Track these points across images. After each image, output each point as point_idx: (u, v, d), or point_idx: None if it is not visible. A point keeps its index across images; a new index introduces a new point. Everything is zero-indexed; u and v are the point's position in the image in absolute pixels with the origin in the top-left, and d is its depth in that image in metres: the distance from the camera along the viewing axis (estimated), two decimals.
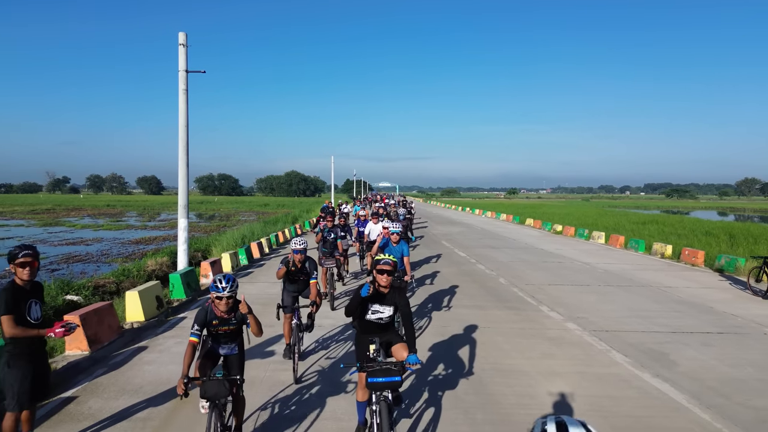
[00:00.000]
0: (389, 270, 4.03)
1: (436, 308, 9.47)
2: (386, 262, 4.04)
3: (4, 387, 3.85)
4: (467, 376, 6.04)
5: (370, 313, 4.22)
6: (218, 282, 3.84)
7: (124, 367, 6.21)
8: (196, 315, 4.02)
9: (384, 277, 4.03)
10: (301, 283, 6.57)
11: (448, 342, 7.40)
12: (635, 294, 11.16)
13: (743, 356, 7.03)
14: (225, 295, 3.81)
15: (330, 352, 7.04)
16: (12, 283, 3.86)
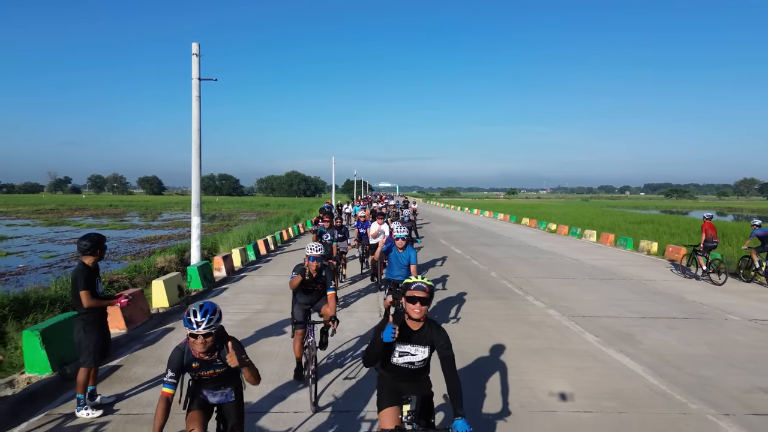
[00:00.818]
0: (424, 297, 3.07)
1: None
2: (420, 287, 3.09)
3: (81, 348, 4.79)
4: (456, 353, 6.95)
5: (397, 356, 3.24)
6: (191, 314, 2.95)
7: (157, 344, 7.15)
8: (169, 357, 3.07)
9: (417, 307, 3.08)
10: (315, 294, 5.74)
11: None
12: (616, 286, 12.08)
13: (701, 337, 7.94)
14: (201, 332, 2.92)
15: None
16: (83, 264, 4.79)
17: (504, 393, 5.55)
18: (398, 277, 7.23)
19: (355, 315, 8.87)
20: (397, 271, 7.28)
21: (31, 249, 22.89)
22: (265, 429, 4.63)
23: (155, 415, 2.97)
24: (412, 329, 3.22)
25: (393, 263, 7.31)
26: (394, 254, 7.29)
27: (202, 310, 2.98)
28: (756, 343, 7.66)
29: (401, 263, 7.23)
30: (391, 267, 7.35)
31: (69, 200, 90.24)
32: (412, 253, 7.23)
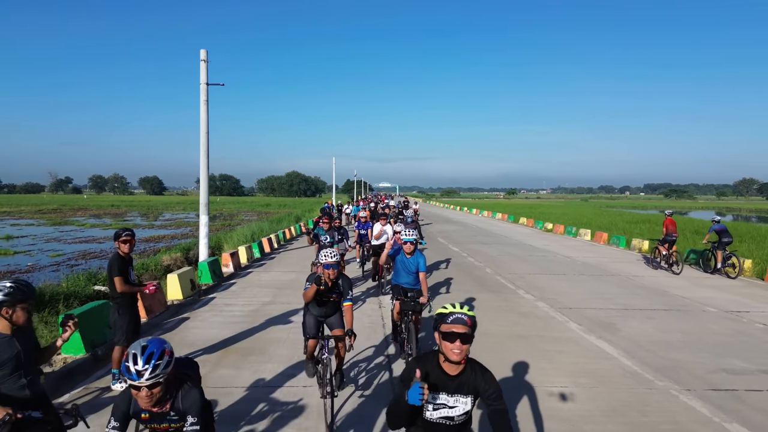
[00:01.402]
0: (465, 333, 2.40)
1: None
2: (459, 320, 2.40)
3: (115, 328, 5.44)
4: None
5: (431, 409, 2.57)
6: (131, 360, 2.34)
7: (176, 330, 7.80)
8: (114, 404, 2.57)
9: (457, 347, 2.39)
10: (330, 306, 5.18)
11: None
12: (603, 281, 12.72)
13: (677, 326, 8.58)
14: (144, 384, 2.32)
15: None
16: (117, 254, 5.43)
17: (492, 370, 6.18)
18: (405, 283, 6.70)
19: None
20: (404, 278, 6.69)
21: (38, 248, 23.31)
22: (280, 400, 5.26)
23: None
24: (449, 374, 2.49)
25: (400, 269, 6.71)
26: (401, 259, 6.65)
27: (145, 353, 2.33)
28: (727, 332, 8.29)
29: (409, 269, 6.62)
30: (398, 272, 6.76)
31: (71, 200, 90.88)
32: (420, 259, 6.59)
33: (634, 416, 5.05)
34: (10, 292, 2.89)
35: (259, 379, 5.83)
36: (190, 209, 60.27)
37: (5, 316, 2.90)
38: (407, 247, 6.58)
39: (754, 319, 9.15)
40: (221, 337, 7.41)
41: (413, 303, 6.28)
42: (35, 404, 2.98)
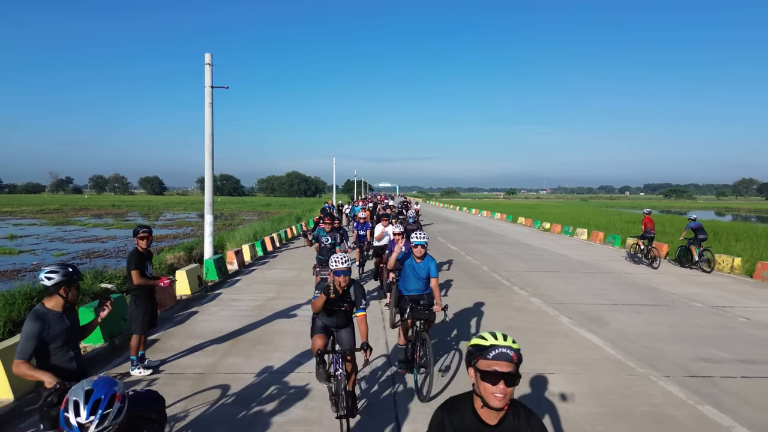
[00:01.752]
0: (510, 374, 1.96)
1: None
2: (504, 355, 1.97)
3: (132, 318, 5.86)
4: (447, 331, 8.01)
5: None
6: (71, 410, 1.91)
7: (186, 323, 8.22)
8: None
9: (500, 390, 1.94)
10: (341, 316, 4.73)
11: None
12: (597, 278, 13.14)
13: (664, 320, 8.99)
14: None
15: None
16: (136, 249, 5.85)
17: None
18: (414, 291, 6.18)
19: None
20: (414, 284, 6.17)
21: (42, 247, 23.67)
22: (287, 384, 5.68)
23: None
24: (487, 423, 2.04)
25: (409, 275, 6.16)
26: (411, 264, 6.11)
27: (90, 401, 1.91)
28: (711, 325, 8.70)
29: (419, 275, 6.09)
30: (407, 279, 6.21)
31: (72, 200, 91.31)
32: (432, 264, 6.07)
33: (613, 398, 5.47)
34: (67, 273, 3.33)
35: (267, 366, 6.25)
36: (191, 209, 60.70)
37: (62, 294, 3.33)
38: (418, 251, 6.02)
39: (738, 314, 9.56)
40: (229, 329, 7.83)
41: (427, 312, 5.73)
42: (79, 375, 3.40)
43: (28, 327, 3.22)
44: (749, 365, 6.67)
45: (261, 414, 4.95)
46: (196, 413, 4.94)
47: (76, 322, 3.48)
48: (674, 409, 5.26)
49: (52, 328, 3.28)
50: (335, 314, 4.71)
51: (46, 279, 3.31)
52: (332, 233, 9.45)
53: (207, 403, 5.18)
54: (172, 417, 4.83)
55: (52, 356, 3.32)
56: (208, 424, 4.72)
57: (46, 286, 3.32)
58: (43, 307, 3.33)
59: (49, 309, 3.33)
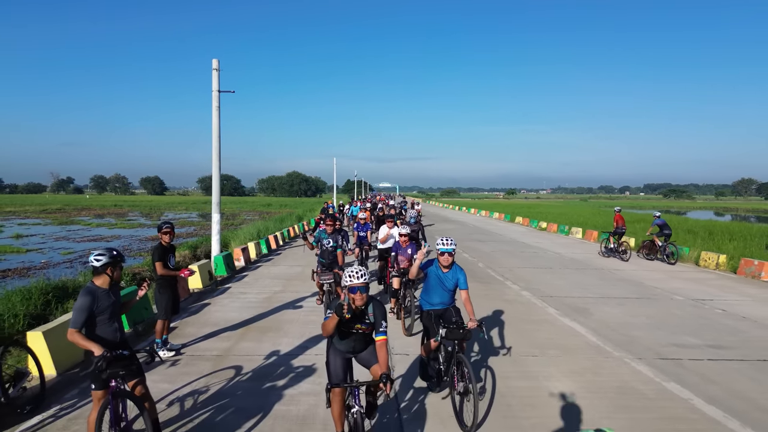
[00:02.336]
0: None
1: None
2: None
3: (157, 305, 6.52)
4: None
5: None
6: None
7: (200, 313, 8.88)
8: None
9: None
10: (359, 340, 4.11)
11: None
12: (586, 274, 13.78)
13: (644, 311, 9.63)
14: None
15: None
16: (159, 243, 6.51)
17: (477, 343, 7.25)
18: (440, 305, 5.44)
19: None
20: (439, 297, 5.41)
21: (48, 246, 24.17)
22: (296, 365, 6.33)
23: None
24: None
25: (434, 286, 5.40)
26: (436, 273, 5.34)
27: None
28: (687, 316, 9.35)
29: (445, 286, 5.35)
30: (430, 291, 5.45)
31: (73, 200, 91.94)
32: (461, 274, 5.31)
33: (588, 377, 6.12)
34: (113, 255, 3.97)
35: (277, 349, 6.90)
36: (192, 209, 61.32)
37: (109, 273, 3.96)
38: (445, 259, 5.22)
39: (716, 306, 10.20)
40: (241, 319, 8.48)
41: (461, 330, 4.94)
42: (122, 345, 4.04)
43: (81, 301, 3.82)
44: (717, 350, 7.31)
45: (274, 388, 5.60)
46: (216, 388, 5.60)
47: (119, 298, 4.11)
48: (642, 385, 5.91)
49: (101, 303, 3.90)
50: (350, 337, 4.07)
51: (95, 261, 3.93)
52: (334, 235, 8.79)
53: (225, 379, 5.83)
54: (195, 391, 5.48)
55: (99, 327, 3.94)
56: (228, 396, 5.37)
57: (95, 267, 3.93)
58: (93, 285, 3.94)
59: (98, 286, 3.95)
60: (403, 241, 8.19)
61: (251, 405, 5.14)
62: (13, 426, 4.59)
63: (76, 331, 3.79)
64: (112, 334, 4.00)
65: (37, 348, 5.44)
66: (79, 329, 3.80)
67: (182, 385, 5.62)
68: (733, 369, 6.51)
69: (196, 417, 4.89)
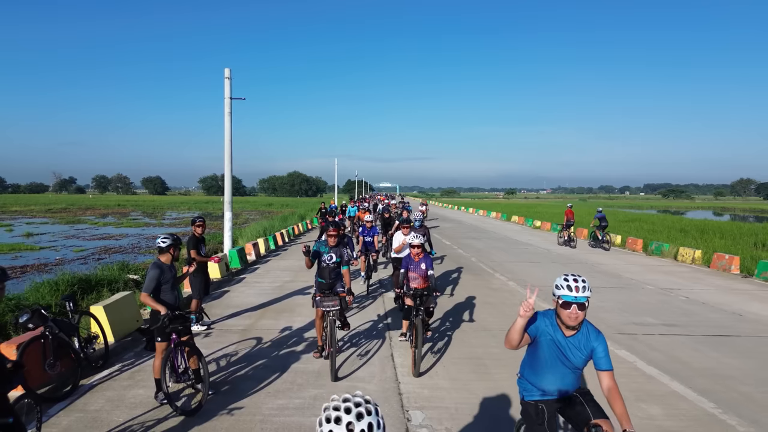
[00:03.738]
0: None
1: None
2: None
3: (192, 286, 7.72)
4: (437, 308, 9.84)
5: None
6: None
7: (222, 298, 10.11)
8: None
9: None
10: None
11: None
12: (570, 267, 14.97)
13: (615, 298, 10.82)
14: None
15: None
16: (193, 235, 7.72)
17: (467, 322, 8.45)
18: (555, 394, 3.25)
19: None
20: (555, 379, 3.19)
21: (60, 244, 25.16)
22: (307, 337, 7.53)
23: None
24: None
25: (546, 359, 3.18)
26: (551, 337, 3.16)
27: None
28: (653, 302, 10.53)
29: (570, 362, 3.15)
30: (539, 367, 3.23)
31: (77, 200, 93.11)
32: (599, 342, 3.12)
33: None
34: (176, 239, 5.24)
35: (291, 325, 8.11)
36: (194, 208, 62.49)
37: (171, 252, 5.21)
38: (569, 315, 3.04)
39: (681, 294, 11.39)
40: (258, 302, 9.70)
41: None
42: (179, 307, 5.24)
43: (152, 272, 5.01)
44: (669, 327, 8.51)
45: (292, 353, 6.81)
46: (244, 352, 6.81)
47: (176, 271, 5.35)
48: None
49: (165, 274, 5.11)
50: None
51: (162, 242, 5.18)
52: (337, 249, 6.79)
53: (251, 346, 7.04)
54: (228, 354, 6.68)
55: (163, 293, 5.13)
56: (255, 358, 6.57)
57: (161, 247, 5.18)
58: (159, 261, 5.17)
59: (163, 262, 5.17)
60: (415, 254, 6.72)
61: (275, 363, 6.35)
62: (91, 376, 5.80)
63: (148, 294, 4.97)
64: (172, 299, 5.19)
65: (101, 318, 6.64)
66: (149, 293, 4.98)
67: (216, 349, 6.85)
68: (679, 342, 7.69)
69: (233, 371, 6.10)
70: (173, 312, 5.02)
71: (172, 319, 4.96)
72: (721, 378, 6.19)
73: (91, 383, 5.61)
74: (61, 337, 5.38)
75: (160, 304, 4.95)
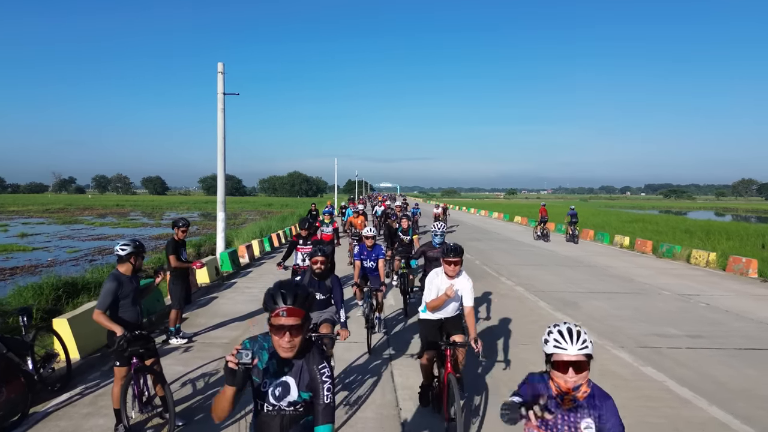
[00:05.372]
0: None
1: None
2: None
3: (172, 295, 6.99)
4: None
5: None
6: None
7: (209, 306, 9.38)
8: None
9: None
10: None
11: None
12: (578, 271, 14.25)
13: (630, 304, 10.10)
14: None
15: None
16: (173, 238, 6.99)
17: None
18: None
19: None
20: None
21: (54, 245, 24.43)
22: None
23: None
24: None
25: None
26: None
27: None
28: (672, 309, 9.81)
29: None
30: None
31: (76, 200, 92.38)
32: None
33: None
34: (137, 246, 4.45)
35: None
36: (194, 209, 61.78)
37: (132, 262, 4.43)
38: None
39: (701, 300, 10.67)
40: (247, 311, 8.97)
41: None
42: (141, 327, 4.47)
43: (108, 285, 4.26)
44: (694, 339, 7.78)
45: None
46: None
47: (139, 284, 4.57)
48: (620, 368, 6.38)
49: (125, 288, 4.34)
50: None
51: (120, 250, 4.39)
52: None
53: None
54: (206, 373, 5.96)
55: (122, 310, 4.36)
56: None
57: (120, 255, 4.39)
58: (118, 272, 4.39)
59: (122, 273, 4.40)
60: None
61: None
62: (46, 401, 5.07)
63: (102, 312, 4.22)
64: (133, 316, 4.45)
65: (63, 333, 5.92)
66: (104, 311, 4.23)
67: (196, 367, 6.12)
68: (708, 356, 6.98)
69: (212, 395, 5.37)
70: (133, 332, 4.29)
71: (130, 341, 4.23)
72: (764, 401, 5.47)
73: (46, 410, 4.89)
74: (10, 358, 4.67)
75: (117, 324, 4.22)
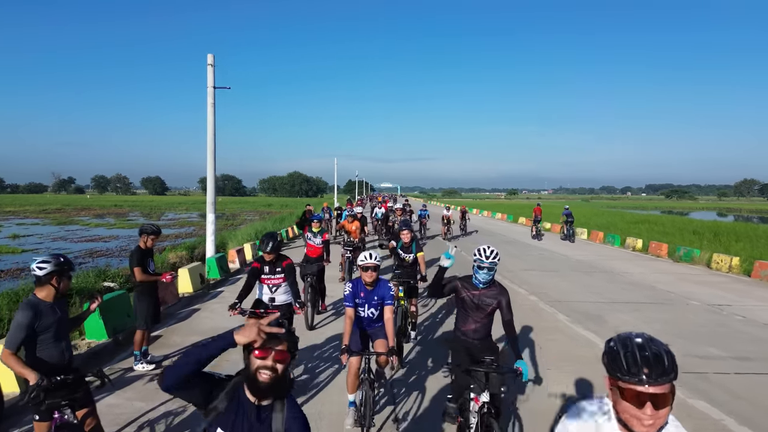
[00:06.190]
0: None
1: None
2: None
3: (137, 313, 5.98)
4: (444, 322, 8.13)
5: None
6: None
7: (188, 320, 8.35)
8: None
9: None
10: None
11: (436, 305, 9.50)
12: (594, 277, 13.23)
13: (659, 317, 9.10)
14: None
15: None
16: (138, 247, 5.98)
17: None
18: None
19: None
20: None
21: (45, 246, 23.66)
22: None
23: None
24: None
25: None
26: None
27: None
28: (705, 323, 8.80)
29: None
30: None
31: (74, 200, 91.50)
32: None
33: None
34: (59, 263, 3.32)
35: None
36: (193, 209, 60.86)
37: (54, 284, 3.31)
38: None
39: (735, 312, 9.66)
40: (231, 326, 7.89)
41: None
42: (68, 369, 3.37)
43: (20, 316, 3.18)
44: (742, 362, 6.77)
45: None
46: None
47: (66, 313, 3.47)
48: None
49: (44, 319, 3.24)
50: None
51: (37, 269, 3.28)
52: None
53: None
54: (170, 411, 4.95)
55: (43, 347, 3.28)
56: None
57: (38, 276, 3.29)
58: (35, 298, 3.29)
59: (41, 299, 3.29)
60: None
61: None
62: None
63: (11, 353, 3.13)
64: (57, 356, 3.34)
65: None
66: (15, 351, 3.15)
67: (159, 404, 5.09)
68: (763, 384, 5.97)
69: None
70: (54, 377, 3.19)
71: (49, 390, 3.15)
72: None
73: None
74: None
75: (29, 369, 3.13)
